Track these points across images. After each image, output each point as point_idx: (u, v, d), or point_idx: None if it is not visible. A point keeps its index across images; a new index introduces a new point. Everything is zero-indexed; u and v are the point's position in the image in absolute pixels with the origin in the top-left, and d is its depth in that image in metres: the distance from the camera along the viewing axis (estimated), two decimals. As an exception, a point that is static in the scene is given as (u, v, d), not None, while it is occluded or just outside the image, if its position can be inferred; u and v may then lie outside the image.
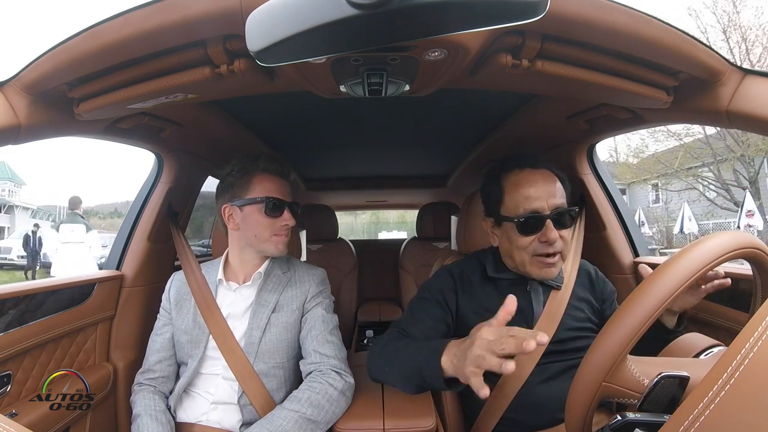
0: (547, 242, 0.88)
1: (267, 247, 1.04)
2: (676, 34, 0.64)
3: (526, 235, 0.90)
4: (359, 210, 4.27)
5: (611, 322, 0.53)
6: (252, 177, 1.03)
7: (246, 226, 1.03)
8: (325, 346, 1.00)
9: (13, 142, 0.73)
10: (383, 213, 6.98)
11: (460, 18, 0.36)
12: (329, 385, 0.93)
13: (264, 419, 0.89)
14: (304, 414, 0.88)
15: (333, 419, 0.91)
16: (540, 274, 0.92)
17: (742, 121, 0.73)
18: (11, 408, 0.89)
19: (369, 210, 6.00)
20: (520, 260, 0.93)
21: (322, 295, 1.09)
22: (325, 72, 0.66)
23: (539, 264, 0.90)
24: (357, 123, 1.38)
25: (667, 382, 0.50)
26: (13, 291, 0.93)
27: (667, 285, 0.51)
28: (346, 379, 0.96)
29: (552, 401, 0.87)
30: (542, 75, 0.69)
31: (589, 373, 0.53)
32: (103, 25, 0.59)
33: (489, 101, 1.17)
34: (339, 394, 0.93)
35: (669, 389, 0.50)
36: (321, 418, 0.89)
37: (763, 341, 0.37)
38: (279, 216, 1.02)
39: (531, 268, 0.91)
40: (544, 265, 0.90)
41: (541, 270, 0.91)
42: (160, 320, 1.09)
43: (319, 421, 0.89)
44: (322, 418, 0.89)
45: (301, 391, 0.92)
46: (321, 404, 0.90)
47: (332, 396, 0.92)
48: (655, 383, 0.50)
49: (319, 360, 0.98)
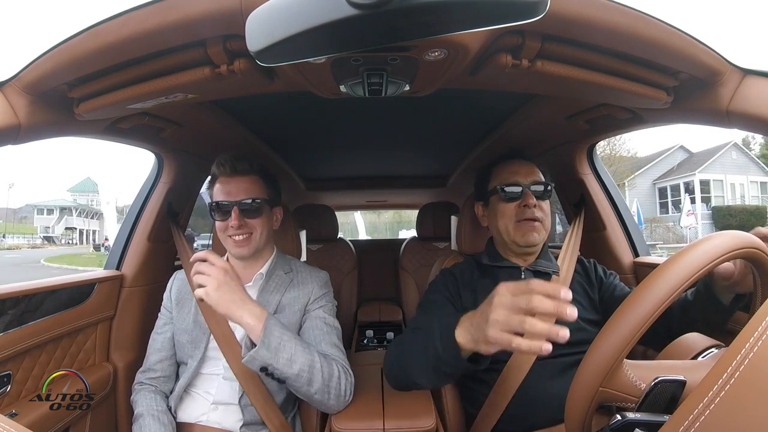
0: (527, 206, 0.99)
1: (228, 250, 1.05)
2: (676, 34, 0.64)
3: (508, 201, 1.02)
4: (358, 210, 4.27)
5: (607, 327, 0.53)
6: (213, 183, 1.05)
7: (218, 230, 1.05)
8: (332, 348, 0.97)
9: (13, 142, 0.73)
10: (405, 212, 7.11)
11: (460, 18, 0.36)
12: (335, 362, 0.91)
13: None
14: (313, 356, 0.86)
15: (328, 391, 0.87)
16: (523, 239, 1.00)
17: (742, 121, 0.73)
18: (11, 408, 0.89)
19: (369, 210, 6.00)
20: (504, 228, 1.02)
21: (325, 298, 1.08)
22: (325, 72, 0.66)
23: (522, 228, 1.00)
24: (357, 123, 1.38)
25: (664, 386, 0.50)
26: (13, 291, 0.93)
27: (665, 288, 0.51)
28: (349, 377, 0.94)
29: (553, 399, 0.87)
30: (542, 75, 0.69)
31: (586, 378, 0.53)
32: (103, 25, 0.59)
33: (489, 101, 1.17)
34: (345, 380, 0.90)
35: (666, 393, 0.50)
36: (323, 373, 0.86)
37: (763, 341, 0.37)
38: (226, 218, 0.99)
39: (515, 234, 1.00)
40: (527, 228, 0.99)
41: (525, 235, 0.99)
42: (161, 319, 1.09)
43: (318, 373, 0.85)
44: (324, 374, 0.86)
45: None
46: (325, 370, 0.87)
47: (336, 373, 0.89)
48: (651, 387, 0.50)
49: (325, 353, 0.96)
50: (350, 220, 7.45)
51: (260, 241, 1.03)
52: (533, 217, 0.99)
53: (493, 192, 1.05)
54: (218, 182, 1.03)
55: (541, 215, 1.00)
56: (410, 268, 2.32)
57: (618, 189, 1.42)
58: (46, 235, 37.76)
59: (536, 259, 1.05)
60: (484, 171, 1.13)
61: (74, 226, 38.54)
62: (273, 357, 0.80)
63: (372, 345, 2.06)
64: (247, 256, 1.03)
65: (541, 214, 1.00)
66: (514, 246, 1.03)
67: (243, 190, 1.01)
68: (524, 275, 1.02)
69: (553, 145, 1.38)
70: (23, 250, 31.10)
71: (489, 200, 1.08)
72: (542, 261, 1.05)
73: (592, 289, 1.03)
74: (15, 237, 36.53)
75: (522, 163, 1.06)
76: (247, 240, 1.00)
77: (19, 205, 42.93)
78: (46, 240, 37.17)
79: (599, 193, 1.37)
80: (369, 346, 2.05)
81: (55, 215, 38.49)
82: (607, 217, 1.36)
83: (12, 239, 35.57)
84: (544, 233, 1.01)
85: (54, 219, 38.37)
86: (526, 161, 1.07)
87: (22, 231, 38.91)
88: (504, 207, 1.03)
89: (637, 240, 1.35)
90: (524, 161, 1.07)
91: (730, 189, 18.84)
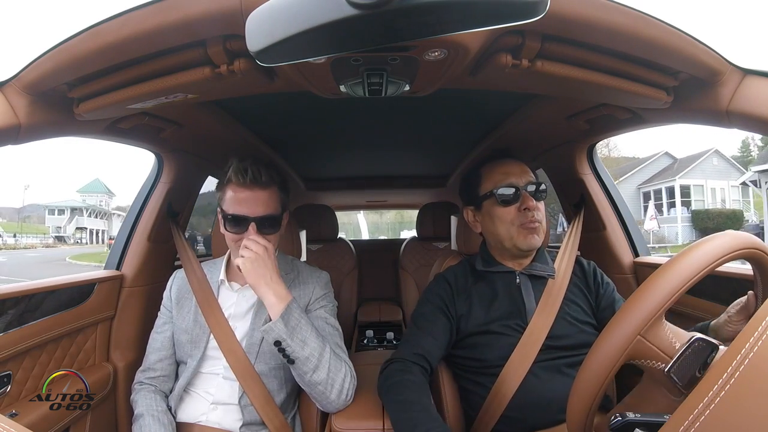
0: (527, 209, 0.96)
1: (236, 260, 0.94)
2: (676, 34, 0.64)
3: (506, 205, 0.99)
4: (357, 210, 4.27)
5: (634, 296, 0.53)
6: (225, 187, 0.98)
7: (226, 236, 1.01)
8: (337, 349, 0.97)
9: (13, 142, 0.73)
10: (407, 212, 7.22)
11: (460, 18, 0.36)
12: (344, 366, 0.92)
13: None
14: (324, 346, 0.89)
15: (332, 384, 0.89)
16: (526, 243, 0.97)
17: (742, 121, 0.73)
18: (11, 408, 0.89)
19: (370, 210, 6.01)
20: (507, 234, 0.99)
21: (326, 299, 1.08)
22: (325, 72, 0.66)
23: (524, 232, 0.97)
24: (357, 123, 1.38)
25: (700, 345, 0.50)
26: (13, 291, 0.93)
27: (670, 284, 0.51)
28: (354, 380, 0.95)
29: (551, 400, 0.87)
30: (542, 75, 0.69)
31: (622, 329, 0.52)
32: (103, 25, 0.59)
33: (489, 101, 1.16)
34: (350, 380, 0.92)
35: (700, 354, 0.50)
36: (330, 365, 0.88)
37: (763, 341, 0.37)
38: (241, 232, 0.95)
39: (518, 238, 0.98)
40: (528, 231, 0.97)
41: (527, 238, 0.97)
42: (161, 318, 1.09)
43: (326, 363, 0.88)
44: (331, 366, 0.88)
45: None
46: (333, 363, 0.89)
47: (342, 371, 0.91)
48: (688, 345, 0.50)
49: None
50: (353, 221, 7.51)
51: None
52: (534, 220, 0.97)
53: (487, 196, 1.01)
54: (232, 189, 0.96)
55: (540, 217, 0.98)
56: (410, 268, 2.32)
57: (618, 189, 1.42)
58: (58, 235, 38.54)
59: (531, 262, 1.03)
60: (472, 174, 1.09)
61: (85, 226, 39.46)
62: (289, 334, 0.86)
63: (372, 345, 2.06)
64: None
65: (540, 216, 0.98)
66: (515, 250, 1.00)
67: (263, 204, 0.96)
68: (519, 279, 1.01)
69: (553, 145, 1.38)
70: (38, 249, 31.69)
71: (482, 205, 1.04)
72: (538, 264, 1.02)
73: (590, 293, 1.02)
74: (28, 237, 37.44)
75: (513, 162, 1.03)
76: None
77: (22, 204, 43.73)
78: (58, 239, 37.90)
79: (599, 193, 1.37)
80: (369, 346, 2.05)
81: (66, 215, 39.30)
82: (607, 217, 1.35)
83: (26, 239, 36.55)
84: (543, 234, 1.00)
85: (65, 219, 39.16)
86: (517, 160, 1.04)
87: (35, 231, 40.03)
88: (502, 211, 0.99)
89: (637, 240, 1.35)
90: (515, 161, 1.04)
91: (710, 193, 19.92)
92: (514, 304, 0.97)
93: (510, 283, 1.01)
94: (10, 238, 35.19)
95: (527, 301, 0.97)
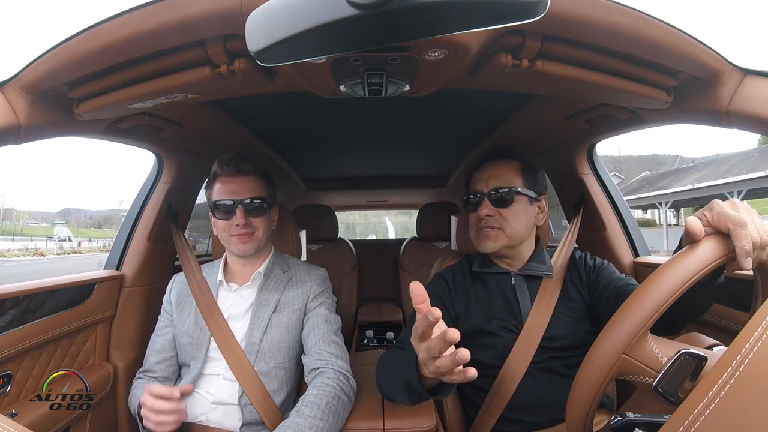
0: (479, 217, 1.00)
1: (231, 248, 1.06)
2: (676, 34, 0.64)
3: (470, 212, 1.04)
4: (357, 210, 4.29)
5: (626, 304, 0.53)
6: (212, 182, 1.06)
7: (216, 230, 1.07)
8: (330, 346, 0.99)
9: (13, 142, 0.73)
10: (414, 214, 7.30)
11: (460, 18, 0.36)
12: (341, 389, 0.92)
13: (288, 427, 0.84)
14: (327, 422, 0.85)
15: (341, 426, 0.90)
16: (482, 247, 1.00)
17: (742, 121, 0.73)
18: (11, 408, 0.89)
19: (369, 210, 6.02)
20: (474, 238, 1.03)
21: (324, 295, 1.09)
22: (325, 72, 0.66)
23: (481, 237, 1.00)
24: (357, 123, 1.38)
25: (687, 359, 0.49)
26: (13, 291, 0.93)
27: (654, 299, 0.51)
28: (351, 383, 0.96)
29: (550, 400, 0.87)
30: (542, 75, 0.69)
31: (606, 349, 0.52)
32: (103, 25, 0.59)
33: (489, 101, 1.17)
34: (348, 401, 0.93)
35: (687, 367, 0.49)
36: (337, 426, 0.88)
37: (763, 341, 0.37)
38: (230, 217, 1.02)
39: (477, 241, 1.02)
40: (482, 236, 1.00)
41: (482, 243, 1.00)
42: (161, 321, 1.09)
43: (336, 428, 0.88)
44: (338, 426, 0.88)
45: (317, 397, 0.88)
46: (338, 412, 0.88)
47: (344, 402, 0.91)
48: (674, 359, 0.50)
49: (327, 358, 0.97)
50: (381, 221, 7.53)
51: (262, 239, 1.06)
52: (486, 226, 0.98)
53: (463, 201, 1.07)
54: (219, 182, 1.04)
55: (498, 224, 0.97)
56: (410, 268, 2.32)
57: (618, 189, 1.42)
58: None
59: (528, 263, 1.02)
60: (467, 178, 1.11)
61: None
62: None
63: (372, 345, 2.06)
64: (250, 253, 1.05)
65: (498, 223, 0.97)
66: (480, 251, 1.02)
67: (247, 189, 1.03)
68: (514, 280, 1.00)
69: (553, 145, 1.38)
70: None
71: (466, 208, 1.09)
72: (533, 264, 1.01)
73: (582, 285, 0.99)
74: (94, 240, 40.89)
75: (490, 166, 1.03)
76: (250, 237, 1.03)
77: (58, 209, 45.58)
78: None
79: (599, 193, 1.37)
80: (369, 346, 2.05)
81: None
82: (607, 217, 1.35)
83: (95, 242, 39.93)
84: (504, 239, 0.98)
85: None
86: (500, 162, 1.03)
87: (102, 235, 42.90)
88: (471, 216, 1.04)
89: (637, 240, 1.35)
90: (497, 163, 1.03)
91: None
92: (508, 305, 0.98)
93: (505, 284, 1.01)
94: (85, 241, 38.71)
95: (522, 302, 0.97)
